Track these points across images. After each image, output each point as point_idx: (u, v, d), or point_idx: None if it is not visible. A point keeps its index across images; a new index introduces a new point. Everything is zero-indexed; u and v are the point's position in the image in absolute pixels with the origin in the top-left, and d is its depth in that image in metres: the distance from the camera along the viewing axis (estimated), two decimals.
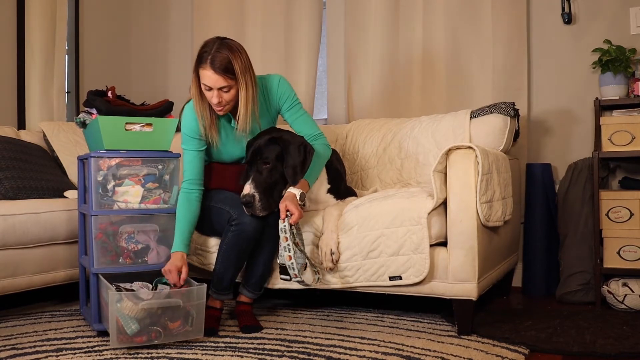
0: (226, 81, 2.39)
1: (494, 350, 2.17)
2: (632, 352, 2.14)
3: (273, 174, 2.45)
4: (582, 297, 2.98)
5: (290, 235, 2.35)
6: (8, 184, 2.93)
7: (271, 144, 2.45)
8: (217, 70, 2.37)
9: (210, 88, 2.40)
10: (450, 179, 2.38)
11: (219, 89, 2.40)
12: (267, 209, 2.42)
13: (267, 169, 2.44)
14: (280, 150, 2.44)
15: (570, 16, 3.29)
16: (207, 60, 2.38)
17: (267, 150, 2.44)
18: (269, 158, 2.44)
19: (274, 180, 2.45)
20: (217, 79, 2.38)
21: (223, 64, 2.37)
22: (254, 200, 2.40)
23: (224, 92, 2.42)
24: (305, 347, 2.20)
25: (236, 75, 2.40)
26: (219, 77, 2.37)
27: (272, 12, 3.94)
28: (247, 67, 2.44)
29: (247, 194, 2.40)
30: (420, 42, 3.57)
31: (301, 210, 2.41)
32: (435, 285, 2.42)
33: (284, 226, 2.35)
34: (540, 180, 3.20)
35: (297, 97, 2.67)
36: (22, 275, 2.62)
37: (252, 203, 2.39)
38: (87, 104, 2.53)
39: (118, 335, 2.14)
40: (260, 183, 2.42)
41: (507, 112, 2.89)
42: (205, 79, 2.40)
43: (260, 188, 2.41)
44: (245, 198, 2.40)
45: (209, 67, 2.38)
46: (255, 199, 2.40)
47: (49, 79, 3.80)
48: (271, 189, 2.45)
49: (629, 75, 3.04)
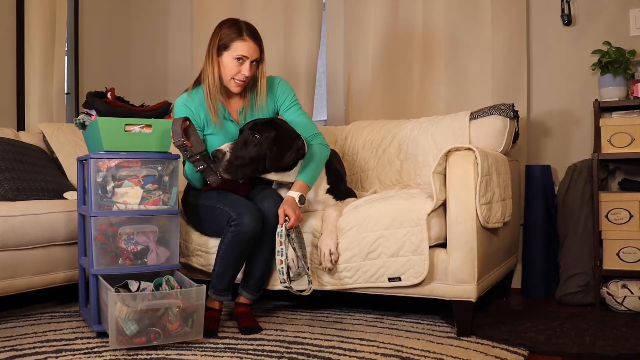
0: (259, 53, 2.54)
1: (494, 351, 2.17)
2: (631, 354, 2.14)
3: (255, 149, 2.45)
4: (582, 298, 2.98)
5: (285, 240, 2.36)
6: (7, 185, 2.93)
7: (269, 125, 2.49)
8: (256, 40, 2.52)
9: (245, 60, 2.51)
10: (450, 181, 2.39)
11: (252, 61, 2.52)
12: (231, 173, 2.42)
13: (253, 142, 2.46)
14: (275, 134, 2.46)
15: (569, 18, 3.30)
16: (244, 32, 2.50)
17: (262, 126, 2.48)
18: (260, 133, 2.46)
19: (253, 155, 2.45)
20: (255, 48, 2.52)
21: (258, 35, 2.54)
22: (222, 158, 2.41)
23: (253, 65, 2.54)
24: (304, 349, 2.20)
25: (263, 50, 2.56)
26: (257, 46, 2.53)
27: (272, 14, 3.95)
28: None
29: (219, 149, 2.43)
30: (420, 43, 3.57)
31: (300, 213, 2.42)
32: (434, 287, 2.42)
33: (280, 230, 2.37)
34: (539, 182, 3.20)
35: (296, 98, 2.69)
36: (21, 277, 2.61)
37: (219, 159, 2.42)
38: (86, 105, 2.53)
39: (117, 337, 2.14)
40: (238, 149, 2.44)
41: (507, 113, 2.89)
42: (242, 50, 2.50)
43: (235, 152, 2.43)
44: (216, 152, 2.43)
45: (248, 38, 2.50)
46: (224, 156, 2.41)
47: (49, 80, 3.80)
48: (246, 161, 2.44)
49: (628, 77, 3.04)
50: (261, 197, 2.55)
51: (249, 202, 2.49)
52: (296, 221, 2.40)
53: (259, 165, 2.48)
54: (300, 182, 2.50)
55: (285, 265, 2.35)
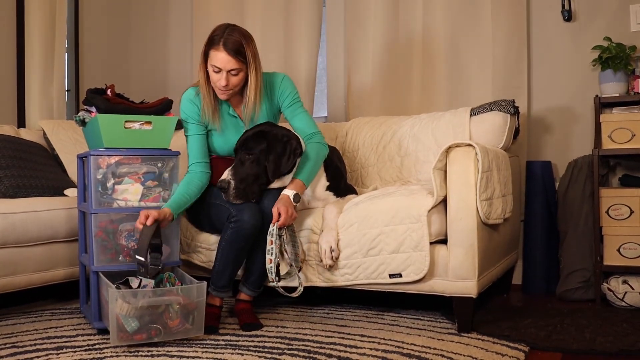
0: (237, 63, 2.44)
1: (494, 347, 2.17)
2: (631, 350, 2.14)
3: (254, 166, 2.46)
4: (582, 294, 2.98)
5: (276, 239, 2.37)
6: (8, 182, 2.93)
7: (258, 137, 2.48)
8: (230, 51, 2.42)
9: (220, 70, 2.45)
10: (450, 177, 2.38)
11: (228, 72, 2.45)
12: (242, 197, 2.44)
13: (249, 159, 2.47)
14: (267, 145, 2.46)
15: (570, 13, 3.29)
16: (220, 41, 2.43)
17: (252, 142, 2.48)
18: (253, 149, 2.47)
19: (254, 172, 2.46)
20: (228, 61, 2.43)
21: (235, 46, 2.43)
22: (229, 187, 2.43)
23: (232, 75, 2.47)
24: (305, 345, 2.20)
25: (247, 60, 2.47)
26: (231, 58, 2.43)
27: (272, 10, 3.94)
28: (257, 54, 2.52)
29: (223, 179, 2.45)
30: (420, 39, 3.57)
31: (294, 211, 2.42)
32: (435, 283, 2.42)
33: (272, 230, 2.38)
34: (540, 178, 3.20)
35: (298, 96, 2.69)
36: (22, 274, 2.61)
37: (226, 189, 2.43)
38: (86, 102, 2.53)
39: (118, 333, 2.14)
40: (239, 172, 2.45)
41: (507, 109, 2.89)
42: (216, 61, 2.44)
43: (237, 177, 2.44)
44: (220, 183, 2.45)
45: (221, 48, 2.43)
46: (230, 185, 2.43)
47: (49, 77, 3.80)
48: (250, 180, 2.46)
49: (629, 73, 3.04)
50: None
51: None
52: (288, 219, 2.40)
53: (262, 180, 2.49)
54: (296, 181, 2.50)
55: (274, 264, 2.36)
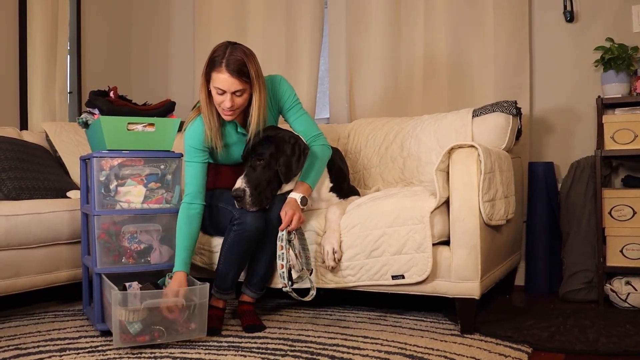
0: (241, 84, 2.35)
1: (497, 349, 2.17)
2: (635, 351, 2.14)
3: (266, 171, 2.45)
4: (585, 295, 2.97)
5: (286, 244, 2.36)
6: (11, 184, 2.93)
7: (266, 142, 2.47)
8: (233, 73, 2.33)
9: (224, 92, 2.36)
10: (453, 178, 2.38)
11: (233, 93, 2.36)
12: (258, 204, 2.43)
13: (260, 165, 2.45)
14: (275, 148, 2.45)
15: (572, 14, 3.29)
16: (222, 63, 2.33)
17: (261, 147, 2.46)
18: (263, 155, 2.45)
19: (267, 177, 2.45)
20: (232, 82, 2.34)
21: (238, 66, 2.33)
22: (245, 195, 2.41)
23: (236, 97, 2.38)
24: (308, 347, 2.20)
25: (251, 79, 2.37)
26: (235, 80, 2.33)
27: (274, 12, 3.95)
28: (260, 72, 2.42)
29: (238, 188, 2.42)
30: (422, 41, 3.57)
31: (301, 215, 2.42)
32: (437, 284, 2.41)
33: (281, 235, 2.37)
34: (542, 179, 3.20)
35: (297, 97, 2.67)
36: (25, 276, 2.62)
37: (242, 197, 2.41)
38: (89, 104, 2.53)
39: (121, 335, 2.15)
40: (253, 179, 2.43)
41: (510, 110, 2.89)
42: (219, 83, 2.35)
43: (252, 183, 2.42)
44: (236, 192, 2.41)
45: (224, 70, 2.33)
46: (245, 193, 2.41)
47: (51, 79, 3.81)
48: (264, 186, 2.45)
49: (631, 74, 3.04)
50: None
51: None
52: (297, 224, 2.40)
53: (275, 184, 2.49)
54: (302, 184, 2.50)
55: (286, 269, 2.36)
